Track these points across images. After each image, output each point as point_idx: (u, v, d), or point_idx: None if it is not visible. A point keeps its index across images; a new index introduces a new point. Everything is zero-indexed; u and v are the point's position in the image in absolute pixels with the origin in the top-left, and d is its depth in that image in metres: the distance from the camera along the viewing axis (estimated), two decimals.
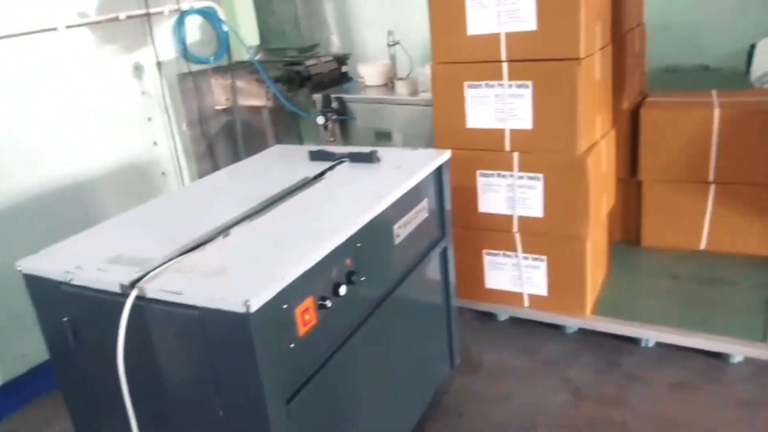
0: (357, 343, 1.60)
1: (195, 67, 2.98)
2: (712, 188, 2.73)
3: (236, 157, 3.16)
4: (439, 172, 2.01)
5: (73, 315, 1.45)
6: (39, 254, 1.53)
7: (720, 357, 2.30)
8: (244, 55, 3.11)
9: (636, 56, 2.80)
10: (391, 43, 3.03)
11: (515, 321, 2.65)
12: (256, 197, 1.75)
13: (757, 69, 5.11)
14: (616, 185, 2.71)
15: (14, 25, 2.32)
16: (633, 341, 2.45)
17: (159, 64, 2.84)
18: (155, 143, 2.93)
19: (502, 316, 2.68)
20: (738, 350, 2.26)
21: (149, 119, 2.89)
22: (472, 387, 2.32)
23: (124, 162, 2.80)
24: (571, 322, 2.51)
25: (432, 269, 2.10)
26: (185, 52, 2.89)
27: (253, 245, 1.48)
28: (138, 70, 2.79)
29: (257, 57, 3.17)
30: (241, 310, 1.19)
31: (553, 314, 2.52)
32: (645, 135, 2.75)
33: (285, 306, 1.31)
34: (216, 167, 3.23)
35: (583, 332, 2.52)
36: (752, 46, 5.13)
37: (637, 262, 2.87)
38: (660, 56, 3.40)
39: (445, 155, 2.02)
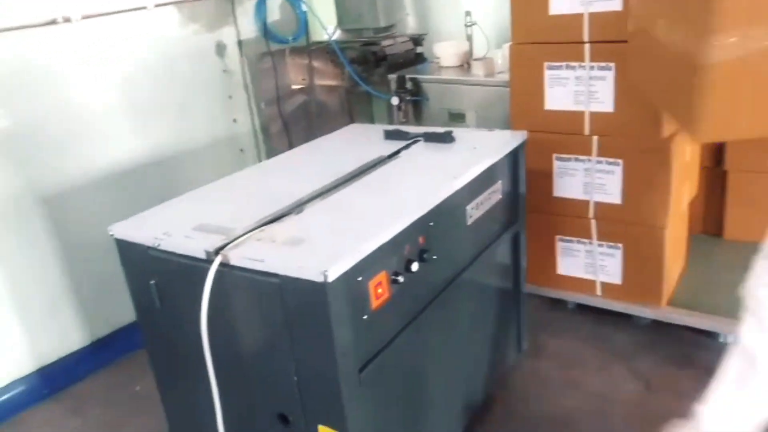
0: (426, 320, 1.62)
1: (274, 47, 3.04)
2: None
3: (310, 136, 3.21)
4: (515, 154, 1.99)
5: (159, 278, 1.53)
6: (129, 220, 1.61)
7: None
8: (322, 35, 3.15)
9: None
10: (469, 23, 3.00)
11: (584, 309, 2.60)
12: (333, 173, 1.79)
13: None
14: (699, 174, 2.61)
15: (108, 4, 2.43)
16: (710, 336, 2.36)
17: (240, 42, 2.92)
18: (235, 120, 3.02)
19: (571, 304, 2.64)
20: None
21: (230, 97, 2.98)
22: (539, 373, 2.31)
23: (205, 138, 2.90)
24: (645, 313, 2.44)
25: (503, 253, 2.09)
26: (266, 32, 2.96)
27: (330, 219, 1.51)
28: (220, 48, 2.88)
29: (333, 37, 3.22)
30: (319, 279, 1.23)
31: (625, 304, 2.46)
32: None
33: (360, 278, 1.35)
34: (291, 145, 3.30)
35: (656, 324, 2.45)
36: None
37: (719, 255, 2.76)
38: None
39: (522, 137, 2.00)
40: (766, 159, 2.62)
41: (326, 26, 3.15)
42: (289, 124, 3.28)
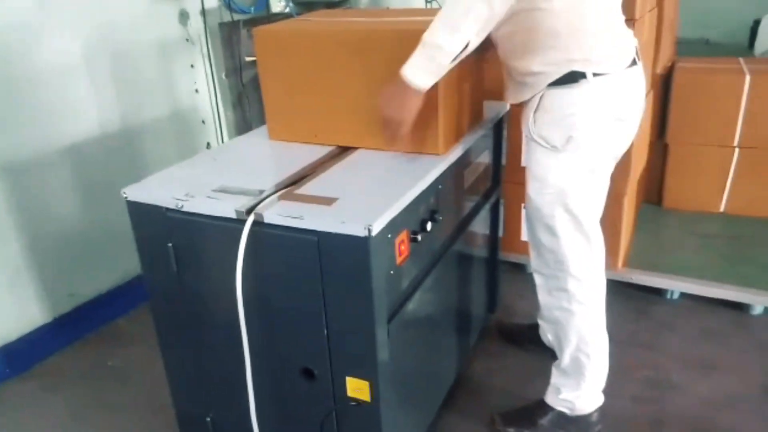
0: (433, 278, 1.71)
1: (236, 17, 3.00)
2: (736, 152, 2.87)
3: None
4: (499, 123, 2.10)
5: (177, 241, 1.53)
6: (141, 183, 1.59)
7: (741, 308, 2.47)
8: (282, 7, 3.14)
9: (671, 22, 2.90)
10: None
11: None
12: None
13: (761, 44, 5.25)
14: None
15: None
16: (658, 293, 2.60)
17: (204, 11, 2.86)
18: (197, 91, 2.96)
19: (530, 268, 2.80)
20: (760, 301, 2.42)
21: (192, 66, 2.91)
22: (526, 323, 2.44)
23: (167, 108, 2.83)
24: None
25: (485, 218, 2.21)
26: (229, 1, 2.91)
27: (354, 179, 1.56)
28: (183, 16, 2.80)
29: (287, 9, 3.21)
30: (363, 234, 1.29)
31: None
32: (675, 98, 2.87)
33: (389, 235, 1.41)
34: (246, 118, 3.28)
35: (611, 283, 2.64)
36: (756, 22, 5.25)
37: (660, 221, 3.02)
38: None
39: (506, 107, 2.11)
40: (703, 133, 2.89)
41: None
42: (247, 96, 3.26)
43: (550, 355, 2.02)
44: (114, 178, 2.49)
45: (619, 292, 2.62)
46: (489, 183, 2.18)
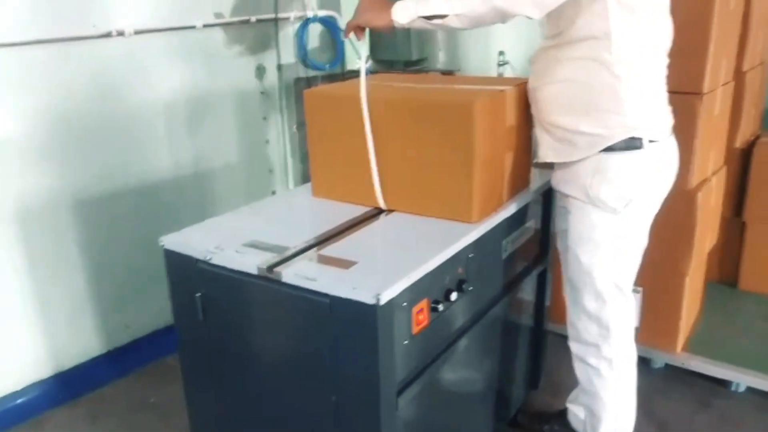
0: (458, 350, 1.66)
1: (310, 73, 3.13)
2: None
3: None
4: (547, 192, 2.04)
5: (205, 291, 1.57)
6: (180, 233, 1.66)
7: None
8: (356, 65, 3.24)
9: (754, 95, 2.75)
10: (501, 62, 3.09)
11: None
12: None
13: None
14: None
15: (160, 21, 2.52)
16: (722, 383, 2.40)
17: (280, 66, 3.00)
18: (267, 141, 3.09)
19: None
20: None
21: (264, 118, 3.05)
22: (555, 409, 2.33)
23: (237, 156, 2.97)
24: (660, 357, 2.48)
25: (530, 289, 2.14)
26: (305, 58, 3.04)
27: (379, 243, 1.57)
28: (260, 70, 2.96)
29: (366, 66, 3.30)
30: (371, 302, 1.28)
31: (641, 347, 2.47)
32: (755, 175, 2.69)
33: (405, 304, 1.39)
34: None
35: (670, 369, 2.49)
36: None
37: (733, 304, 2.81)
38: None
39: None
40: None
41: (367, 56, 3.24)
42: None
43: None
44: (180, 217, 2.60)
45: (677, 378, 2.45)
46: (536, 251, 2.12)
